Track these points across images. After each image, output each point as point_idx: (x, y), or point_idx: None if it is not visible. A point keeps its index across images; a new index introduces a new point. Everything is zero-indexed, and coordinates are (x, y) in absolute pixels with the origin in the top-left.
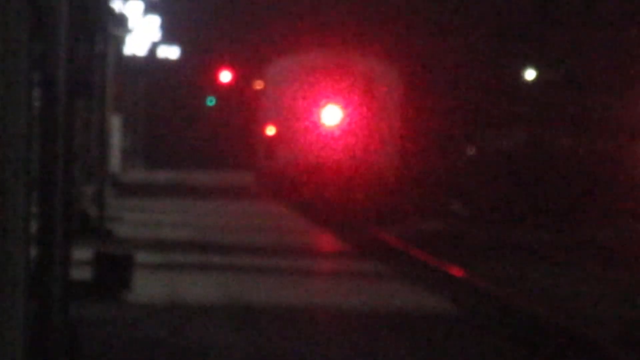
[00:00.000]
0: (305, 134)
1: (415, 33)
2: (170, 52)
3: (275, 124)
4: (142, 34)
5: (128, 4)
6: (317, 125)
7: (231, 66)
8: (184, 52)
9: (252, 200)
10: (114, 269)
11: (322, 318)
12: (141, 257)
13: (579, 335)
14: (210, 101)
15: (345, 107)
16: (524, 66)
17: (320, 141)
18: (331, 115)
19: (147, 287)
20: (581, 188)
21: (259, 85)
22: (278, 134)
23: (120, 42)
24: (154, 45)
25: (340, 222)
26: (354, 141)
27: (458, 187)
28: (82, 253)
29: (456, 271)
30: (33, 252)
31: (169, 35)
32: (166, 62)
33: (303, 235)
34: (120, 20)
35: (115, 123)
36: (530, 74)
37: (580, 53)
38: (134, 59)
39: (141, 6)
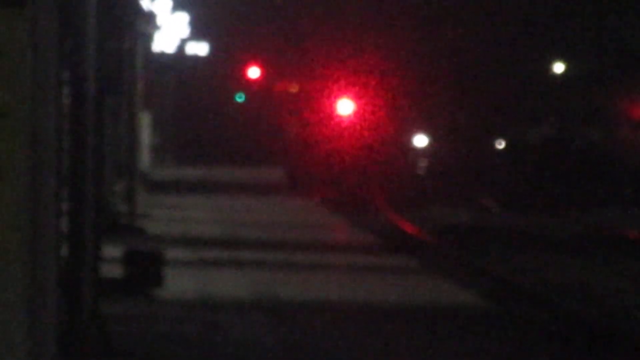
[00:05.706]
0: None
1: (441, 27)
2: (199, 49)
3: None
4: (171, 31)
5: (156, 1)
6: (334, 117)
7: (260, 62)
8: (212, 49)
9: (282, 196)
10: (145, 266)
11: (352, 313)
12: (172, 253)
13: (611, 328)
14: (240, 97)
15: (359, 100)
16: (552, 60)
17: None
18: (345, 107)
19: (178, 283)
20: (610, 182)
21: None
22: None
23: (148, 39)
24: (183, 42)
25: (366, 215)
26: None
27: (488, 181)
28: (112, 250)
29: (486, 265)
30: (64, 249)
31: (198, 31)
32: (195, 59)
33: (333, 231)
34: (149, 17)
35: (144, 120)
36: (558, 68)
37: (607, 47)
38: (162, 55)
39: (170, 3)
